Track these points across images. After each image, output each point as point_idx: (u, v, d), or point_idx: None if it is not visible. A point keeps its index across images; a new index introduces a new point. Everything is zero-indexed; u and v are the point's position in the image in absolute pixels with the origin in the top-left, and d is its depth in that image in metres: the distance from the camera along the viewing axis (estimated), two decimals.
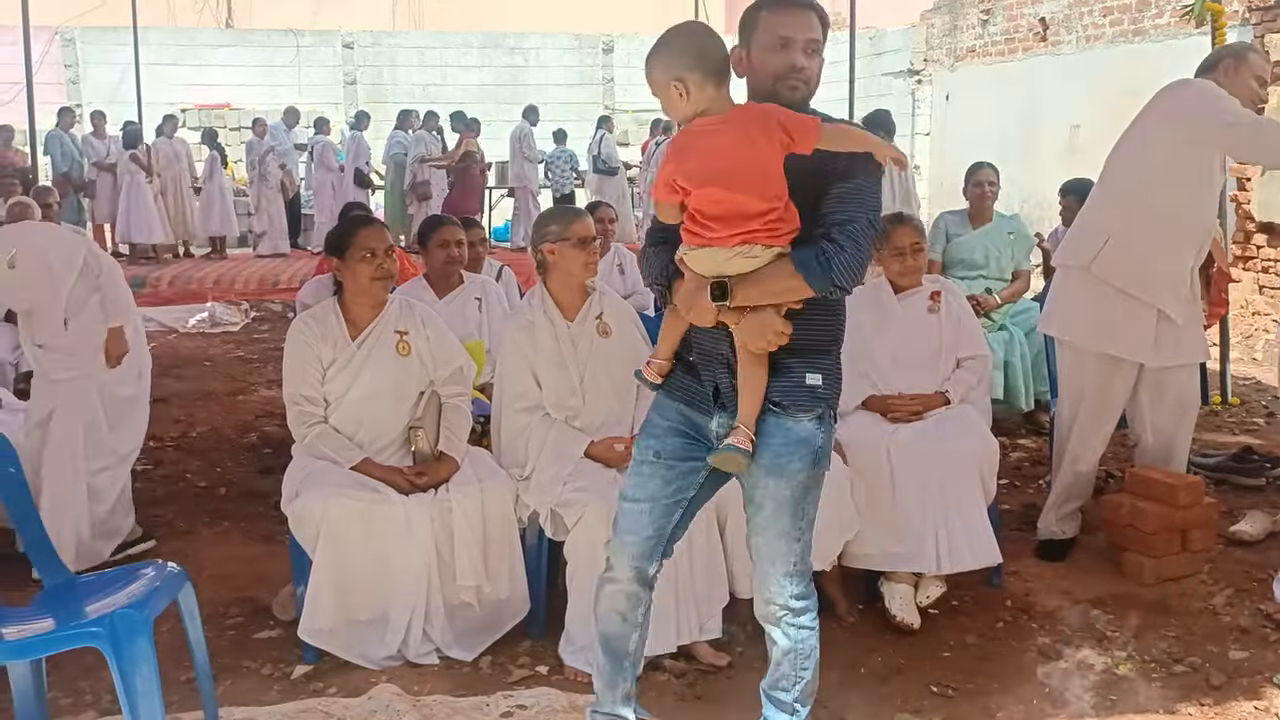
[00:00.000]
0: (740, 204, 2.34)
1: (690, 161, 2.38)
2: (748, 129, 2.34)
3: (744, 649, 3.52)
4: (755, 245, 2.37)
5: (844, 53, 13.45)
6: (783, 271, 2.38)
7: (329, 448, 3.55)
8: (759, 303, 2.41)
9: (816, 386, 2.50)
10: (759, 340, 2.42)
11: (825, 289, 2.38)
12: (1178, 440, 4.29)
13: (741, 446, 2.47)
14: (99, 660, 2.71)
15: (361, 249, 3.58)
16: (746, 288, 2.39)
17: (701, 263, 2.44)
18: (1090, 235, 4.13)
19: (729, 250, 2.38)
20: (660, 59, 2.40)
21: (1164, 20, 10.75)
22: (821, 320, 2.52)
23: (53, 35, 16.71)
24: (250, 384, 7.56)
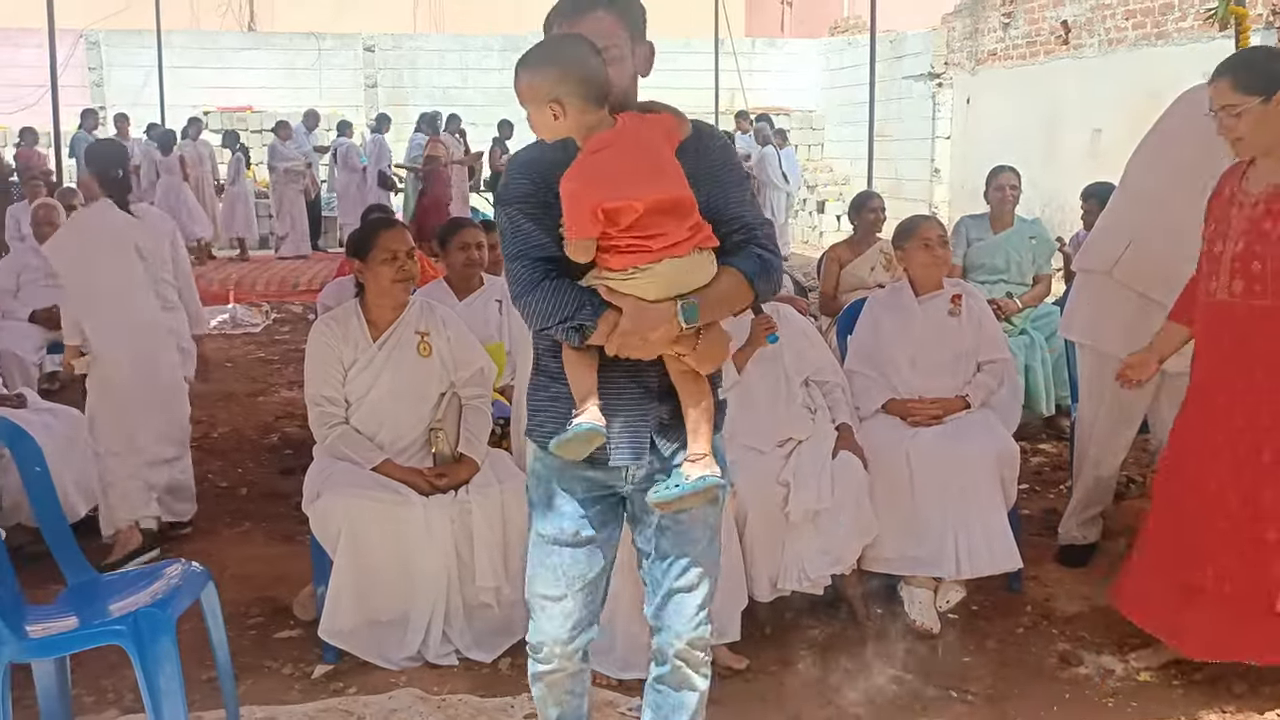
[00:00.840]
0: (674, 196, 2.16)
1: (604, 180, 2.13)
2: (638, 133, 2.19)
3: (762, 652, 3.52)
4: (703, 251, 2.19)
5: (864, 56, 13.45)
6: (733, 281, 2.21)
7: (350, 449, 3.56)
8: (716, 317, 2.23)
9: (723, 402, 2.38)
10: (717, 358, 2.24)
11: (768, 297, 2.30)
12: None
13: (717, 476, 2.25)
14: (122, 658, 2.73)
15: (383, 251, 3.60)
16: (711, 303, 2.19)
17: (653, 285, 2.17)
18: (1111, 240, 4.11)
19: (687, 260, 2.17)
20: (539, 74, 2.14)
21: (1187, 23, 10.70)
22: None
23: (77, 38, 16.84)
24: (271, 385, 7.60)
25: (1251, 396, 3.02)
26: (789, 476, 3.59)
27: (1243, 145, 3.03)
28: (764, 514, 3.56)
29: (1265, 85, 2.94)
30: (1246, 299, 2.99)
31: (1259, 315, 2.97)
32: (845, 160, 17.44)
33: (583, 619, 2.38)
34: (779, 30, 22.23)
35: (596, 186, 2.13)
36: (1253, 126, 2.96)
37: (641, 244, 2.15)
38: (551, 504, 2.34)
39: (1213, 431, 3.13)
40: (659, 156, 2.18)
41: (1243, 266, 2.98)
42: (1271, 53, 3.09)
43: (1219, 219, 3.11)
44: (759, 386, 3.85)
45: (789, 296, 5.37)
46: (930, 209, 14.16)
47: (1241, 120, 2.96)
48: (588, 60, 2.14)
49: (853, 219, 6.26)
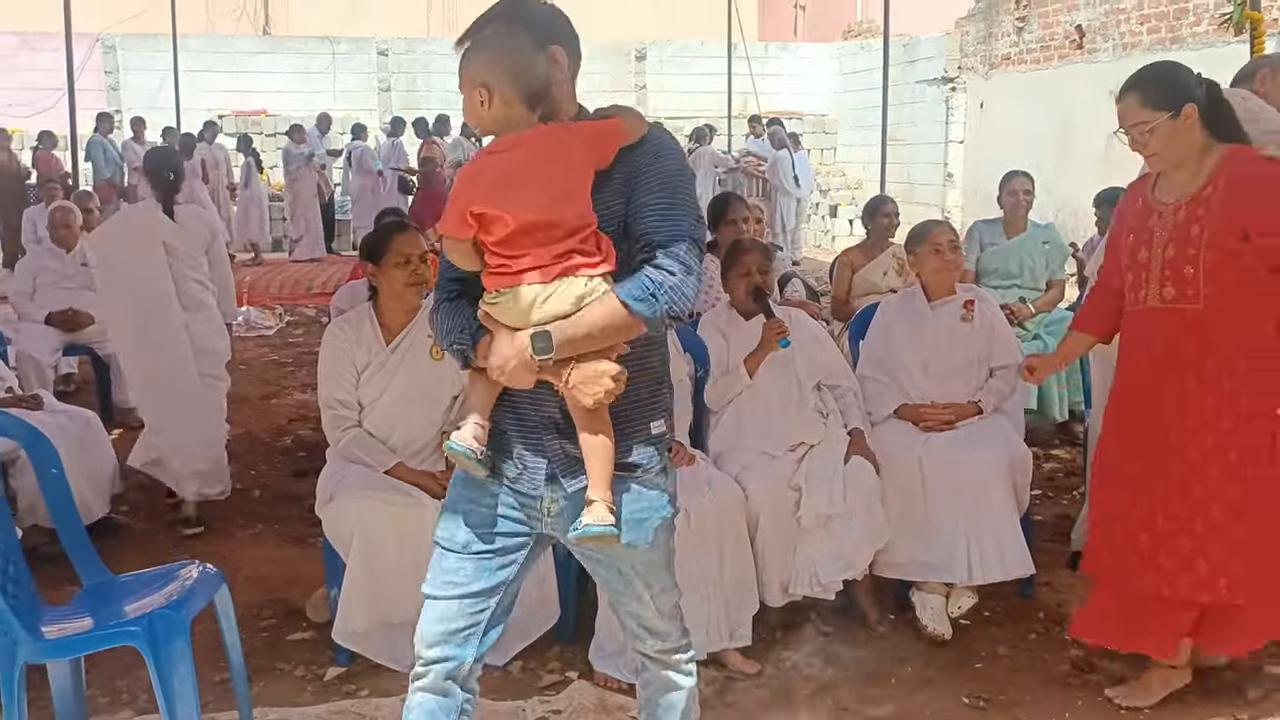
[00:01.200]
0: (551, 220, 2.05)
1: (487, 183, 2.07)
2: (550, 144, 2.09)
3: (774, 656, 3.52)
4: (575, 277, 2.06)
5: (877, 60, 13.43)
6: (607, 309, 2.05)
7: (363, 451, 3.58)
8: (587, 350, 2.07)
9: (663, 434, 2.23)
10: (594, 394, 2.07)
11: (658, 324, 2.09)
12: None
13: (606, 524, 2.12)
14: (137, 659, 2.75)
15: (396, 255, 3.61)
16: (571, 335, 2.05)
17: (512, 311, 2.08)
18: None
19: (548, 287, 2.05)
20: (475, 56, 2.10)
21: (1202, 28, 10.66)
22: (651, 355, 2.23)
23: (94, 42, 16.93)
24: (284, 388, 7.62)
25: (1181, 400, 3.04)
26: (801, 481, 3.59)
27: (1157, 160, 3.06)
28: (776, 518, 3.56)
29: (1172, 100, 2.97)
30: (1179, 304, 3.02)
31: (1191, 320, 3.01)
32: (858, 164, 17.42)
33: (458, 630, 2.25)
34: (792, 34, 22.23)
35: (476, 187, 2.08)
36: (1164, 142, 2.99)
37: (505, 264, 2.07)
38: (455, 507, 2.28)
39: (1142, 436, 3.14)
40: (558, 173, 2.07)
41: (1174, 273, 3.02)
42: (1175, 67, 3.12)
43: (1137, 229, 3.13)
44: (771, 391, 3.86)
45: (801, 301, 5.38)
46: (943, 213, 14.14)
47: (1153, 136, 2.99)
48: (527, 56, 2.08)
49: (866, 224, 6.25)
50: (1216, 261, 2.95)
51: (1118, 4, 11.88)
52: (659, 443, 2.23)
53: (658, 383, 2.25)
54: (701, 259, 2.13)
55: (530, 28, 2.12)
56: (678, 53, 19.09)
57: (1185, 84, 3.02)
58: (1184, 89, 3.00)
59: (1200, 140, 3.01)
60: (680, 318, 2.10)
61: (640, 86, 18.96)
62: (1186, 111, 2.97)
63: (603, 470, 2.13)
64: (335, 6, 20.51)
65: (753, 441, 3.79)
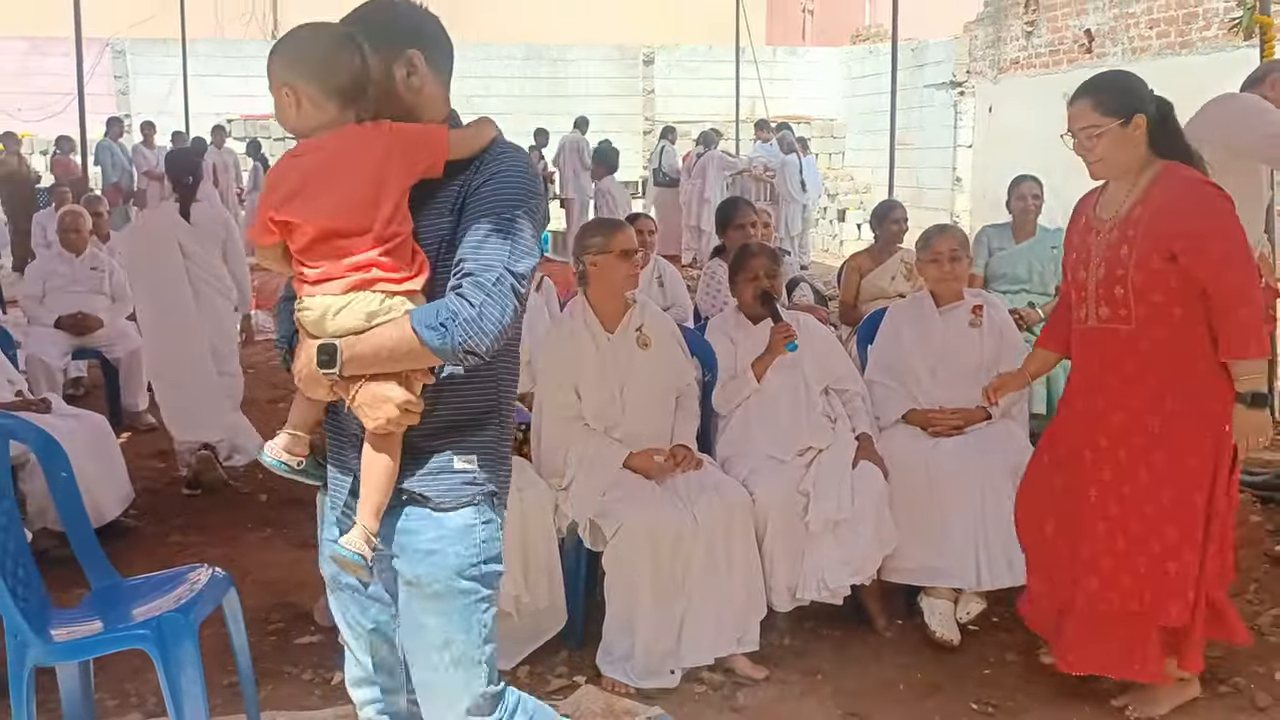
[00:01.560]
0: (348, 228, 1.93)
1: (286, 188, 1.96)
2: (352, 147, 1.96)
3: (781, 661, 3.52)
4: (373, 293, 1.94)
5: (885, 64, 13.43)
6: (398, 332, 1.91)
7: None
8: (377, 370, 1.94)
9: (469, 471, 2.04)
10: (375, 419, 1.95)
11: (450, 357, 1.91)
12: None
13: (352, 549, 1.99)
14: (145, 662, 2.76)
15: None
16: (359, 353, 1.93)
17: (312, 320, 1.98)
18: None
19: (340, 299, 1.94)
20: (281, 56, 2.01)
21: (1211, 33, 10.64)
22: (475, 387, 2.05)
23: (104, 47, 17.00)
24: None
25: (1118, 420, 3.04)
26: (809, 486, 3.59)
27: (1100, 167, 3.06)
28: (784, 523, 3.55)
29: (1124, 108, 2.98)
30: (1112, 324, 3.02)
31: (1124, 339, 3.01)
32: (866, 169, 17.41)
33: (367, 677, 2.21)
34: (800, 39, 22.24)
35: (276, 193, 1.98)
36: (1110, 148, 3.00)
37: (304, 273, 1.99)
38: (320, 539, 2.17)
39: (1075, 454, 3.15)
40: (358, 178, 1.94)
41: (1106, 293, 3.02)
42: (1129, 77, 3.14)
43: (1079, 247, 3.14)
44: (779, 395, 3.86)
45: (809, 305, 5.39)
46: (951, 218, 14.11)
47: (1100, 142, 2.99)
48: (335, 52, 1.97)
49: (875, 228, 6.23)
50: (1144, 282, 2.95)
51: (1127, 8, 11.86)
52: (466, 480, 2.04)
53: (477, 422, 2.06)
54: (518, 294, 1.92)
55: (373, 30, 2.01)
56: (685, 57, 19.10)
57: (1139, 94, 3.03)
58: (1137, 99, 3.01)
59: (1143, 154, 3.02)
60: (477, 354, 1.90)
61: (648, 91, 18.99)
62: (1136, 121, 2.98)
63: (372, 496, 2.01)
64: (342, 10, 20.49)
65: (760, 446, 3.79)
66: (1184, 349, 2.96)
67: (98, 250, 6.85)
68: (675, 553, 3.41)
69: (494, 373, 2.06)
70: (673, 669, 3.39)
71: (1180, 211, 2.94)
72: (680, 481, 3.58)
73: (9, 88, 16.54)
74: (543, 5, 20.35)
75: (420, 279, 1.97)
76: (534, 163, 2.08)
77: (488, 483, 2.06)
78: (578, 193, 14.84)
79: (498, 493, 2.10)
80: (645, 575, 3.38)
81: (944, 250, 4.04)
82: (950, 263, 4.03)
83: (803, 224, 14.58)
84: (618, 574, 3.41)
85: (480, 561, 2.05)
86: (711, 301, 5.45)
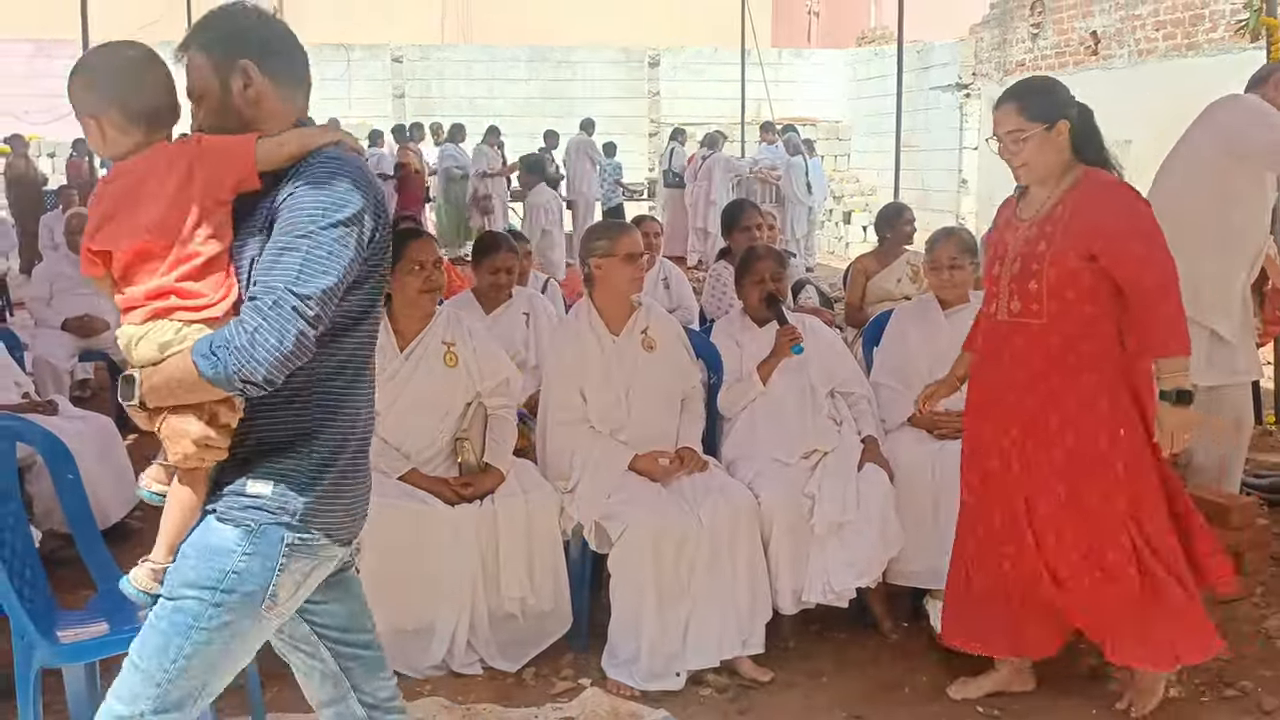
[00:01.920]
0: (149, 251, 1.86)
1: (98, 215, 1.89)
2: (152, 167, 1.89)
3: (787, 664, 3.51)
4: (170, 321, 1.85)
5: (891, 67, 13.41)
6: (184, 362, 1.81)
7: (376, 457, 3.58)
8: (171, 402, 1.85)
9: (260, 497, 1.91)
10: (174, 453, 1.87)
11: (228, 386, 1.79)
12: (1232, 461, 4.22)
13: (136, 586, 1.95)
14: None
15: (411, 262, 3.62)
16: (155, 384, 1.85)
17: (122, 347, 1.91)
18: None
19: (140, 329, 1.87)
20: (78, 85, 1.93)
21: (1218, 34, 10.63)
22: (289, 412, 1.94)
23: None
24: None
25: (1025, 412, 3.07)
26: (814, 488, 3.59)
27: (1025, 171, 3.09)
28: (789, 526, 3.55)
29: (1048, 113, 3.02)
30: (1024, 318, 3.05)
31: (1035, 333, 3.04)
32: (872, 171, 17.41)
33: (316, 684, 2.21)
34: (806, 41, 22.24)
35: (90, 222, 1.91)
36: (1034, 153, 3.03)
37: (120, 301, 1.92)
38: None
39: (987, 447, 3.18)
40: (154, 199, 1.86)
41: (1019, 287, 3.05)
42: (1054, 83, 3.20)
43: (996, 244, 3.19)
44: (784, 397, 3.86)
45: (814, 308, 5.38)
46: (957, 220, 14.10)
47: (1025, 146, 3.02)
48: (135, 75, 1.91)
49: (882, 231, 6.23)
50: (1058, 278, 2.98)
51: (1133, 10, 11.85)
52: (255, 507, 1.92)
53: (283, 448, 1.93)
54: (306, 316, 1.79)
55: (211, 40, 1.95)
56: (691, 59, 19.11)
57: (1063, 100, 3.08)
58: (1061, 105, 3.06)
59: (1066, 158, 3.06)
60: (256, 384, 1.79)
61: (654, 93, 19.00)
62: (1060, 127, 3.02)
63: (167, 531, 1.94)
64: (350, 14, 20.60)
65: (766, 448, 3.78)
66: (1092, 346, 3.00)
67: None
68: (680, 555, 3.41)
69: (311, 398, 1.94)
70: (678, 671, 3.39)
71: (1101, 213, 2.98)
72: (685, 484, 3.59)
73: (16, 90, 16.58)
74: (548, 7, 20.39)
75: (225, 304, 1.87)
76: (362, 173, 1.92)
77: (281, 512, 1.92)
78: (584, 195, 14.83)
79: (297, 526, 1.93)
80: (650, 578, 3.39)
81: (944, 258, 4.04)
82: (950, 270, 4.04)
83: (808, 226, 14.59)
84: (623, 576, 3.42)
85: (218, 588, 1.90)
86: (716, 304, 5.46)
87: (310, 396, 1.94)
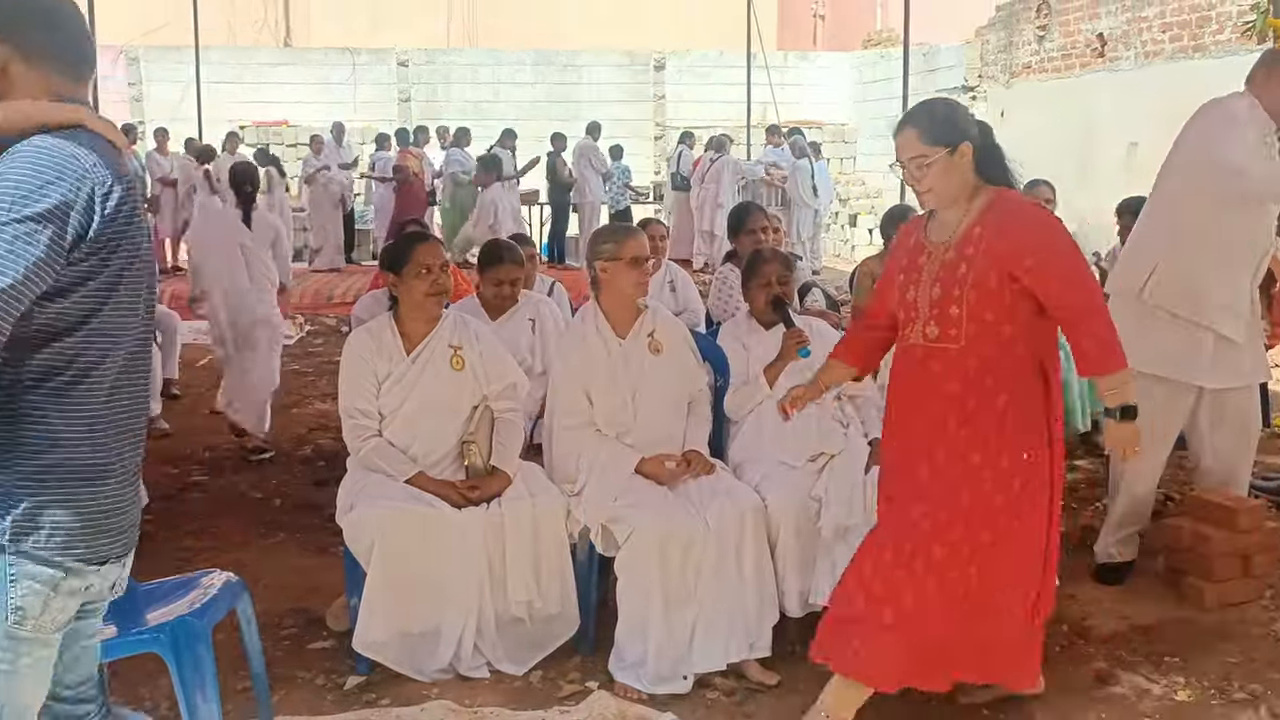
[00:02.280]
0: None
1: None
2: None
3: (793, 668, 3.51)
4: None
5: (897, 69, 13.42)
6: None
7: (383, 461, 3.59)
8: None
9: None
10: None
11: None
12: (1239, 463, 4.21)
13: None
14: (160, 668, 2.77)
15: (418, 265, 3.62)
16: None
17: None
18: (1139, 262, 4.10)
19: None
20: None
21: (1224, 36, 10.61)
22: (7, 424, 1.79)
23: (118, 54, 17.11)
24: (305, 397, 7.65)
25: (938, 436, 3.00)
26: (821, 491, 3.58)
27: (931, 197, 3.04)
28: (796, 529, 3.55)
29: (950, 137, 2.96)
30: (941, 343, 2.99)
31: (952, 358, 2.98)
32: (877, 174, 17.40)
33: None
34: (811, 43, 22.24)
35: None
36: (939, 178, 2.98)
37: None
38: None
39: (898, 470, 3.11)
40: None
41: (939, 313, 2.99)
42: (954, 105, 3.16)
43: (908, 268, 3.11)
44: None
45: (821, 311, 5.37)
46: None
47: (929, 172, 2.97)
48: None
49: (888, 233, 6.22)
50: (979, 300, 2.93)
51: (1140, 12, 11.84)
52: None
53: None
54: None
55: None
56: (697, 62, 19.13)
57: (963, 123, 3.03)
58: (961, 128, 3.00)
59: (971, 180, 3.01)
60: None
61: (659, 96, 19.02)
62: (962, 150, 2.96)
63: None
64: (356, 18, 20.67)
65: (772, 451, 3.78)
66: (1009, 366, 2.95)
67: None
68: (687, 558, 3.41)
69: (15, 408, 1.78)
70: (685, 675, 3.39)
71: (1022, 233, 2.93)
72: (692, 487, 3.59)
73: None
74: (554, 11, 20.43)
75: None
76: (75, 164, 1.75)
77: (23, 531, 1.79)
78: (589, 198, 14.83)
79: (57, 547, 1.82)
80: (657, 581, 3.38)
81: None
82: None
83: (814, 229, 14.58)
84: (630, 579, 3.41)
85: None
86: (723, 307, 5.45)
87: (16, 408, 1.78)
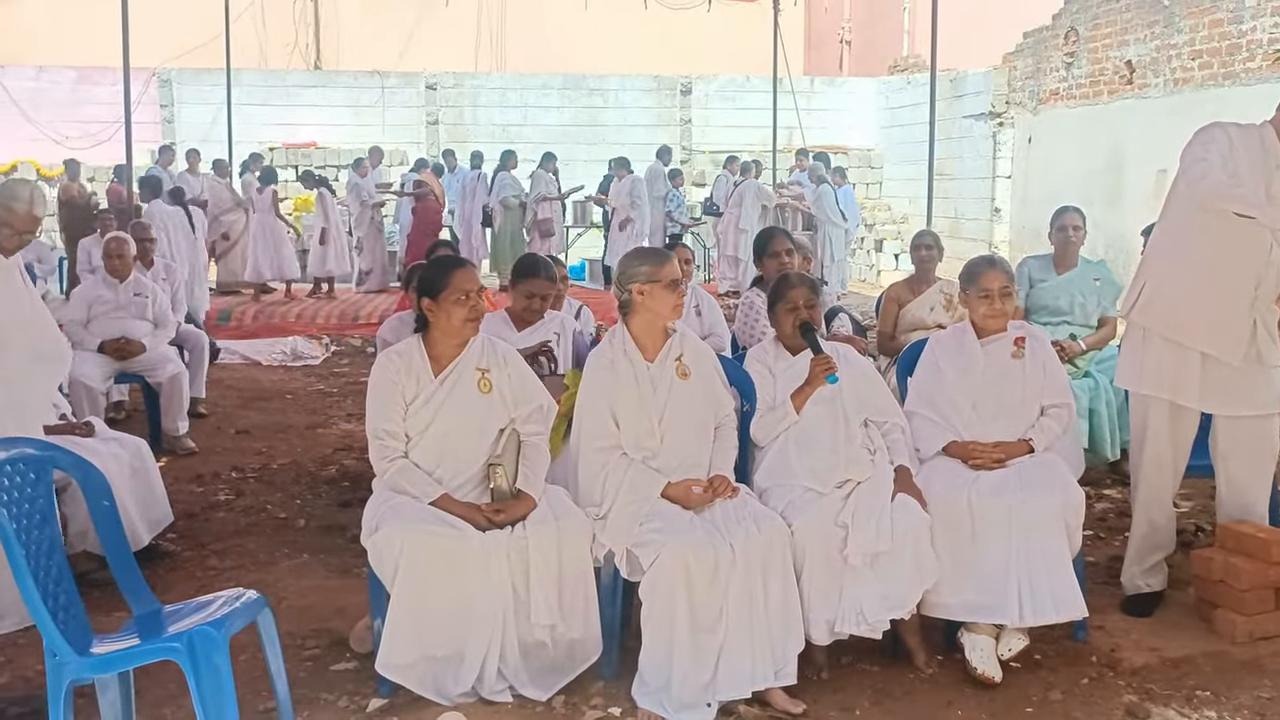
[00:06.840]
0: None
1: None
2: None
3: (819, 695, 3.47)
4: None
5: (923, 95, 13.40)
6: None
7: (409, 482, 3.58)
8: None
9: None
10: None
11: None
12: (1254, 491, 4.13)
13: None
14: (182, 688, 2.78)
15: (457, 291, 3.61)
16: None
17: None
18: (1134, 283, 4.16)
19: None
20: None
21: (1255, 64, 10.55)
22: None
23: (150, 76, 17.29)
24: (330, 417, 7.68)
25: None
26: (848, 518, 3.55)
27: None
28: (822, 556, 3.52)
29: None
30: None
31: None
32: (904, 199, 17.37)
33: None
34: (838, 69, 22.26)
35: None
36: None
37: None
38: None
39: None
40: None
41: None
42: None
43: None
44: (818, 427, 3.83)
45: (848, 336, 5.35)
46: (990, 248, 14.03)
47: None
48: None
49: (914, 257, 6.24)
50: None
51: (1169, 39, 11.78)
52: None
53: None
54: None
55: None
56: (724, 87, 19.15)
57: None
58: None
59: None
60: None
61: (686, 121, 19.05)
62: None
63: None
64: (385, 41, 20.82)
65: (799, 478, 3.75)
66: None
67: (142, 276, 6.95)
68: (712, 584, 3.38)
69: None
70: (709, 701, 3.36)
71: None
72: (718, 512, 3.56)
73: (58, 116, 16.88)
74: (581, 36, 20.51)
75: None
76: None
77: None
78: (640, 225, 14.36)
79: None
80: (682, 606, 3.36)
81: (994, 287, 3.98)
82: (1001, 299, 3.98)
83: (844, 250, 14.50)
84: (654, 604, 3.39)
85: None
86: (749, 332, 5.44)
87: None
